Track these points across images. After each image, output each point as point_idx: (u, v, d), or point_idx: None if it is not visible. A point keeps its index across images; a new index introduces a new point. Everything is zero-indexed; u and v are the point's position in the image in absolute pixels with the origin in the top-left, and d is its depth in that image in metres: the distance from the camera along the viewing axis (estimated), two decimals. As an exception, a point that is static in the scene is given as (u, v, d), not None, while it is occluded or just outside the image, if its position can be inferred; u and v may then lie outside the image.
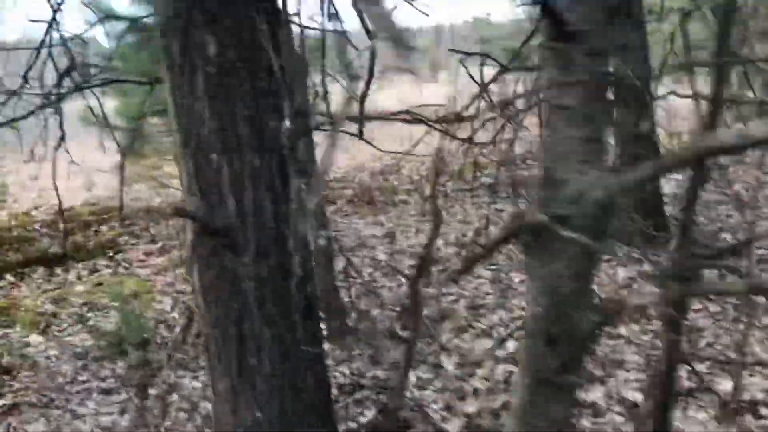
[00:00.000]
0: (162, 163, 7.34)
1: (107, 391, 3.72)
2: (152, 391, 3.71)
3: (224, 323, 1.55)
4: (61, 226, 6.10)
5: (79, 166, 8.30)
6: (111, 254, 6.22)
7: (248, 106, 1.48)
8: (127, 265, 6.00)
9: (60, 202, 4.36)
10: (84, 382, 3.87)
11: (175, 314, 4.82)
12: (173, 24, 1.42)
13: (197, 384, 3.77)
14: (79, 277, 5.77)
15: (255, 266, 1.53)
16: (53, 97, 3.87)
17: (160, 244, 6.41)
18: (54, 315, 4.85)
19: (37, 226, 7.23)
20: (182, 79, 1.45)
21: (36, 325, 4.67)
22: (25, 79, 3.44)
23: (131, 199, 8.22)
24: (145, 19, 5.83)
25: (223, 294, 1.54)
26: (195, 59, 1.43)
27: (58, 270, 5.92)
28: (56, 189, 3.91)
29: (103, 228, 6.96)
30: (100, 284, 5.47)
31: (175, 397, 3.61)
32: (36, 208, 8.48)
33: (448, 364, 3.85)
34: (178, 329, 4.34)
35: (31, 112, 3.73)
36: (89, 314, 4.89)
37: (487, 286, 5.08)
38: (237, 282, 1.53)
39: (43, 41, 3.30)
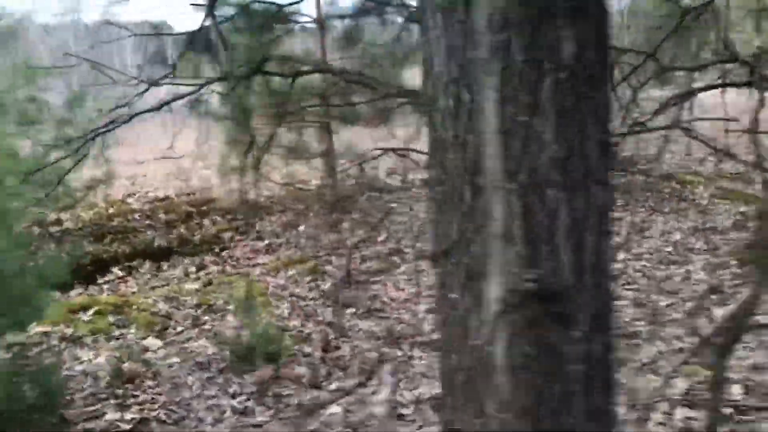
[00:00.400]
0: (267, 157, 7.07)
1: (242, 412, 3.41)
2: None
3: (537, 414, 1.17)
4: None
5: (167, 152, 8.18)
6: (217, 250, 5.97)
7: (600, 124, 1.09)
8: (234, 263, 5.74)
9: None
10: (212, 397, 3.57)
11: (295, 322, 4.51)
12: (522, 13, 1.04)
13: (336, 410, 3.43)
14: (187, 274, 5.54)
15: (587, 343, 1.14)
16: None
17: (266, 242, 6.13)
18: (168, 316, 4.60)
19: (136, 216, 7.07)
20: (521, 88, 1.06)
21: (151, 326, 4.42)
22: (174, 66, 3.15)
23: (228, 191, 8.01)
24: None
25: (538, 377, 1.16)
26: (544, 61, 1.05)
27: (165, 264, 5.71)
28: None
29: (206, 222, 6.73)
30: (210, 283, 5.21)
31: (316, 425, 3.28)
32: (130, 195, 8.37)
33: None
34: (314, 350, 4.01)
35: (170, 101, 3.45)
36: (205, 317, 4.62)
37: (633, 309, 4.60)
38: (561, 362, 1.15)
39: (201, 28, 2.99)
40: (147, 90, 3.31)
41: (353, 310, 4.70)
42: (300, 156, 7.20)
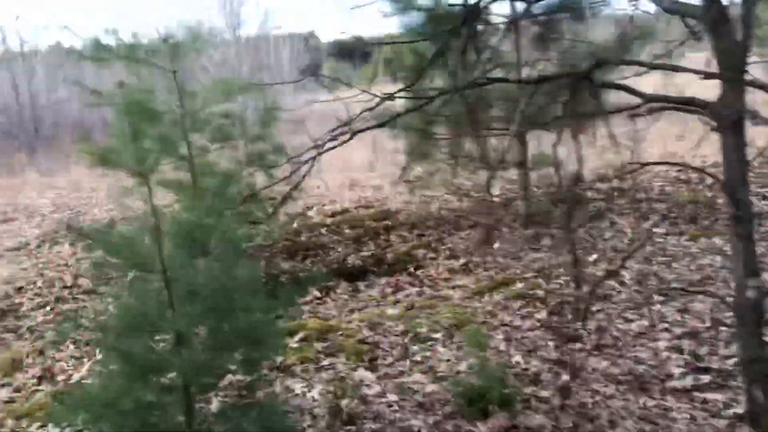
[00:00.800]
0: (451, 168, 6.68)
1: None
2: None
3: None
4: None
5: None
6: (411, 269, 5.61)
7: None
8: (431, 284, 5.36)
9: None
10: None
11: (517, 357, 4.01)
12: None
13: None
14: (384, 296, 5.23)
15: None
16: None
17: (462, 261, 5.69)
18: (375, 344, 4.28)
19: (322, 231, 6.91)
20: None
21: (360, 356, 4.12)
22: (418, 78, 2.77)
23: (410, 203, 7.71)
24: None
25: None
26: None
27: (360, 285, 5.43)
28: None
29: (393, 238, 6.42)
30: (411, 307, 4.85)
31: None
32: (309, 208, 8.28)
33: None
34: (552, 395, 3.50)
35: (401, 114, 3.09)
36: (413, 347, 4.25)
37: None
38: None
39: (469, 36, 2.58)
40: (381, 103, 2.97)
41: (579, 344, 4.14)
42: (489, 166, 6.73)
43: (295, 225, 7.16)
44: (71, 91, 21.18)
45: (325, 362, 4.08)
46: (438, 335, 4.38)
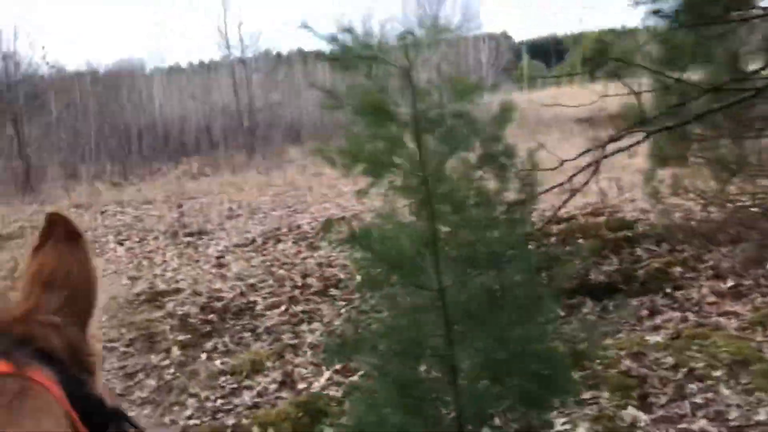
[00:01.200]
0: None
1: None
2: None
3: None
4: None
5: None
6: (668, 290, 4.89)
7: None
8: (695, 309, 4.60)
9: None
10: None
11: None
12: None
13: None
14: (639, 319, 4.57)
15: None
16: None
17: (730, 282, 4.86)
18: (642, 379, 3.67)
19: (551, 240, 6.35)
20: None
21: (627, 391, 3.55)
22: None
23: (644, 211, 6.91)
24: None
25: None
26: None
27: (609, 304, 4.82)
28: None
29: (639, 251, 5.69)
30: (677, 336, 4.17)
31: None
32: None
33: None
34: None
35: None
36: (690, 385, 3.59)
37: None
38: None
39: None
40: (683, 103, 2.41)
41: None
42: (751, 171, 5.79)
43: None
44: (282, 94, 22.45)
45: (586, 395, 3.56)
46: (718, 373, 3.68)
